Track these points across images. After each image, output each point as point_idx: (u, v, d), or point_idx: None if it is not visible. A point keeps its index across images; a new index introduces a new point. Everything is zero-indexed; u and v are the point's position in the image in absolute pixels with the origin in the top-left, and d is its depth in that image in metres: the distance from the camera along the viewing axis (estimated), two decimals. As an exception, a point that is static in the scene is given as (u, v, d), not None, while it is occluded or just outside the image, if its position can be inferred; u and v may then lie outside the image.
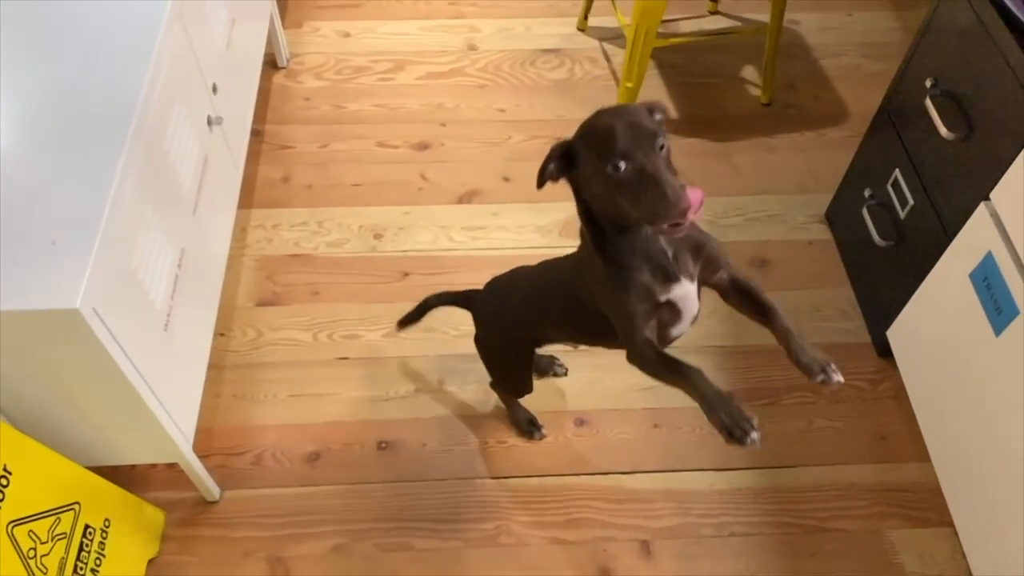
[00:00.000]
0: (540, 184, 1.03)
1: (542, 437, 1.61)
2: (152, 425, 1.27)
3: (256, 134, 2.11)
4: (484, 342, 1.46)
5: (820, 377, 0.97)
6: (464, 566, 1.46)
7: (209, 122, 1.58)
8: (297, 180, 2.04)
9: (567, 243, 1.92)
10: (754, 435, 0.90)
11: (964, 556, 1.41)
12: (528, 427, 1.61)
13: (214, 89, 1.61)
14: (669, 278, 1.03)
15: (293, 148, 2.11)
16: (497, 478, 1.56)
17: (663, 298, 1.02)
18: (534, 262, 1.87)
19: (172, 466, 1.51)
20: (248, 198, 1.99)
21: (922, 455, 1.54)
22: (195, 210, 1.50)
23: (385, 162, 2.07)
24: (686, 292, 1.04)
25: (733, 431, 0.90)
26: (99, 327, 1.07)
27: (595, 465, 1.58)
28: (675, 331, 1.08)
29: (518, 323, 1.37)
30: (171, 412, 1.30)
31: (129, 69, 1.26)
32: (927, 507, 1.53)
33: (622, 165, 0.93)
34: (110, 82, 1.24)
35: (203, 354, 1.53)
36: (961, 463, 1.42)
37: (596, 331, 1.16)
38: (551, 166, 1.01)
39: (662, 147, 0.93)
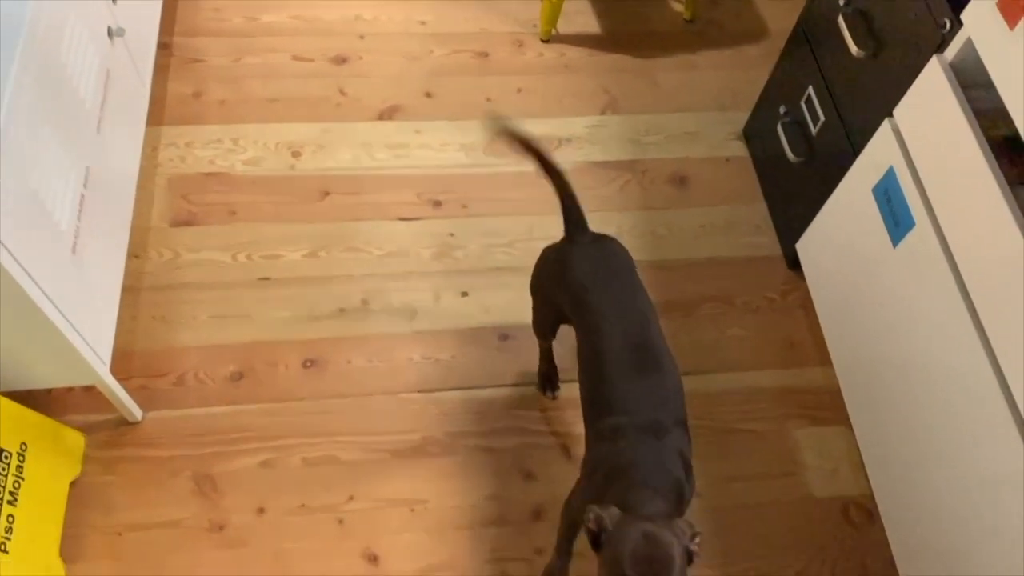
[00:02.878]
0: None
1: (552, 398, 1.60)
2: (64, 348, 1.24)
3: (164, 47, 2.01)
4: (542, 278, 1.40)
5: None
6: (390, 475, 1.50)
7: (110, 33, 1.50)
8: (209, 95, 1.96)
9: (491, 161, 1.92)
10: None
11: (858, 450, 1.52)
12: (541, 382, 1.60)
13: (113, -3, 1.52)
14: None
15: (204, 62, 2.02)
16: (423, 391, 1.60)
17: None
18: (459, 180, 1.88)
19: (90, 389, 1.49)
20: (158, 115, 1.91)
21: (825, 360, 1.63)
22: (99, 127, 1.44)
23: (301, 76, 2.01)
24: None
25: None
26: None
27: (519, 377, 1.63)
28: None
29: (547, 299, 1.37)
30: (84, 335, 1.27)
31: (15, -27, 1.17)
32: (828, 408, 1.63)
33: None
34: (-5, -14, 1.16)
35: (116, 276, 1.49)
36: (859, 366, 1.52)
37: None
38: (591, 516, 1.02)
39: None
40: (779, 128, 1.75)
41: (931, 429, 1.30)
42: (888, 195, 1.38)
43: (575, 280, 1.27)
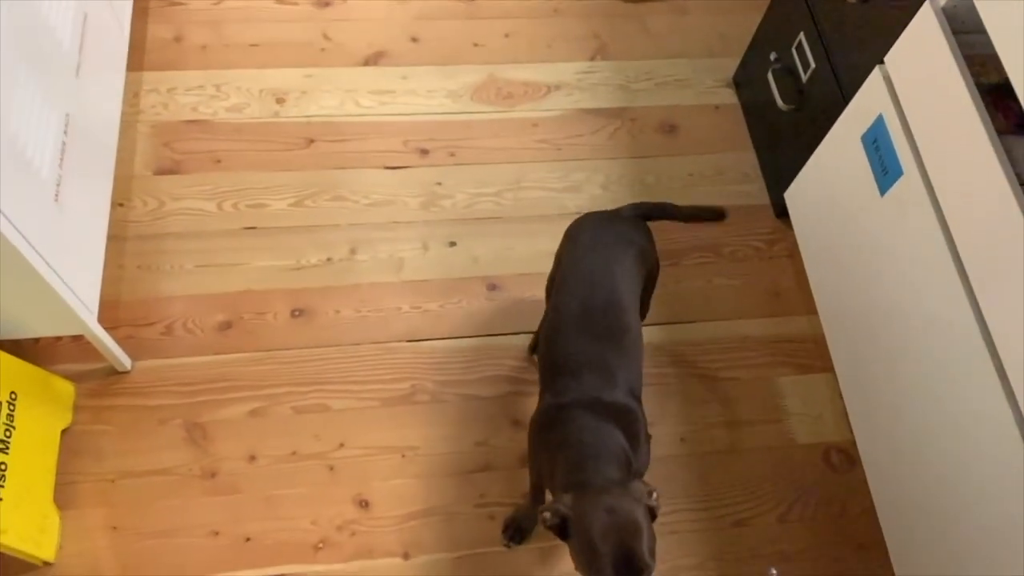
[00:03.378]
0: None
1: None
2: (50, 297, 1.24)
3: (142, -12, 1.96)
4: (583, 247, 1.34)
5: None
6: (380, 423, 1.52)
7: (85, -27, 1.46)
8: (190, 40, 1.92)
9: (479, 108, 1.90)
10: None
11: (841, 397, 1.54)
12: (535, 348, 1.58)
13: (88, -65, 1.47)
14: None
15: (184, 5, 1.96)
16: (412, 340, 1.60)
17: None
18: (446, 127, 1.85)
19: (79, 339, 1.49)
20: (138, 60, 1.86)
21: (810, 309, 1.65)
22: (78, 72, 1.41)
23: (284, 20, 1.96)
24: None
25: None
26: (-20, 196, 1.02)
27: (507, 326, 1.63)
28: None
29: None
30: (70, 284, 1.27)
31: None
32: (812, 356, 1.66)
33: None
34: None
35: (101, 225, 1.48)
36: (844, 315, 1.54)
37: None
38: (546, 515, 1.02)
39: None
40: (769, 75, 1.73)
41: (913, 376, 1.32)
42: (877, 143, 1.37)
43: (569, 242, 1.30)
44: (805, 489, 1.53)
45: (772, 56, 1.76)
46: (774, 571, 1.42)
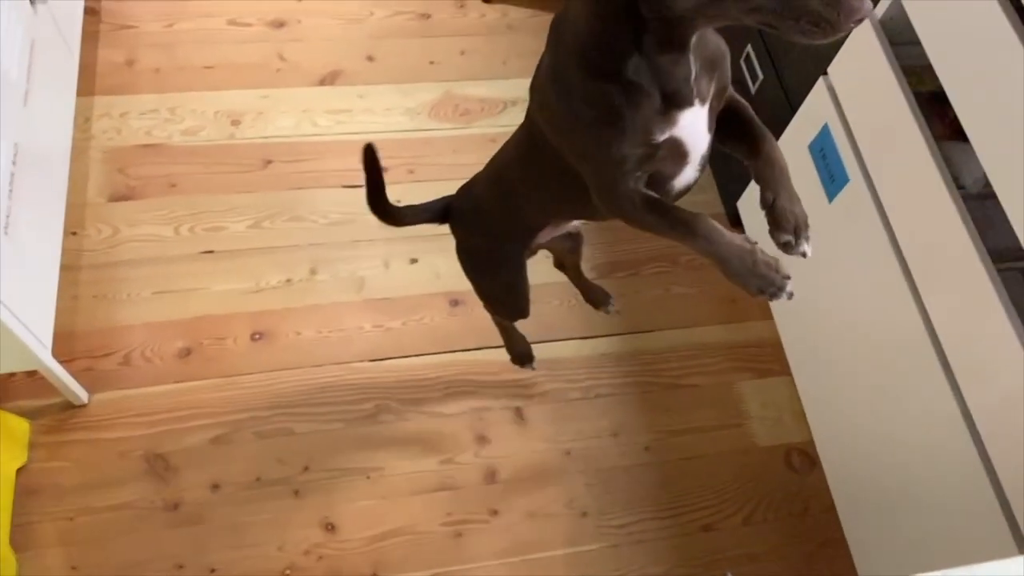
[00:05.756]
0: None
1: (533, 368, 1.52)
2: (1, 334, 1.21)
3: (91, 13, 1.93)
4: (466, 252, 1.27)
5: (786, 238, 0.82)
6: (345, 445, 1.51)
7: (32, 1, 1.44)
8: (143, 63, 1.90)
9: (436, 125, 1.90)
10: (789, 287, 0.79)
11: (799, 399, 1.57)
12: (521, 359, 1.50)
13: (32, -37, 1.46)
14: (679, 103, 0.78)
15: (135, 28, 1.95)
16: (374, 360, 1.60)
17: (665, 135, 0.79)
18: (404, 145, 1.86)
19: (33, 374, 1.46)
20: (89, 85, 1.84)
21: (766, 314, 1.68)
22: (26, 100, 1.39)
23: (238, 42, 1.95)
24: (696, 120, 0.81)
25: (765, 288, 0.79)
26: (-75, 233, 1.00)
27: (470, 342, 1.64)
28: (682, 179, 0.87)
29: (495, 218, 1.17)
30: (22, 319, 1.25)
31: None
32: (770, 360, 1.68)
33: None
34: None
35: (54, 255, 1.46)
36: (798, 319, 1.57)
37: (576, 198, 0.92)
38: None
39: None
40: (720, 86, 1.77)
41: (865, 376, 1.35)
42: (823, 152, 1.41)
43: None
44: (768, 491, 1.56)
45: (722, 67, 1.79)
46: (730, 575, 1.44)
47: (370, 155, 1.13)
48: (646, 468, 1.55)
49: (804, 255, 0.82)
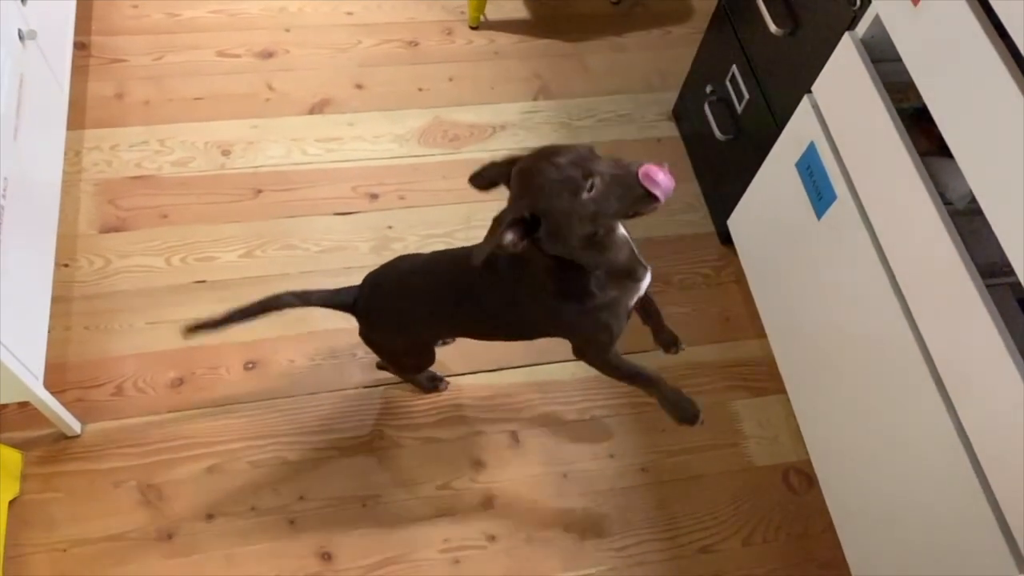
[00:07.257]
0: (494, 248, 1.01)
1: (447, 386, 1.59)
2: (-7, 366, 1.21)
3: (81, 47, 1.95)
4: (376, 342, 1.38)
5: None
6: (340, 472, 1.50)
7: (21, 36, 1.45)
8: (132, 96, 1.91)
9: (425, 151, 1.92)
10: (700, 417, 1.24)
11: (795, 417, 1.57)
12: (430, 384, 1.58)
13: (22, -1, 1.47)
14: (639, 276, 1.14)
15: (125, 61, 1.96)
16: (368, 387, 1.60)
17: (635, 300, 1.15)
18: (394, 172, 1.87)
19: (25, 405, 1.45)
20: (79, 118, 1.85)
21: (760, 332, 1.68)
22: (16, 135, 1.39)
23: (227, 73, 1.97)
24: (648, 273, 1.16)
25: (686, 419, 1.24)
26: (-85, 267, 1.00)
27: (462, 366, 1.64)
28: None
29: (420, 325, 1.30)
30: (13, 350, 1.24)
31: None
32: (764, 378, 1.68)
33: (595, 182, 0.97)
34: None
35: (45, 287, 1.45)
36: (792, 337, 1.57)
37: (517, 332, 1.28)
38: (509, 236, 1.00)
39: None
40: (706, 107, 1.79)
41: (859, 393, 1.35)
42: (811, 169, 1.42)
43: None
44: (767, 511, 1.55)
45: (708, 89, 1.81)
46: None
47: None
48: (644, 490, 1.54)
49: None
